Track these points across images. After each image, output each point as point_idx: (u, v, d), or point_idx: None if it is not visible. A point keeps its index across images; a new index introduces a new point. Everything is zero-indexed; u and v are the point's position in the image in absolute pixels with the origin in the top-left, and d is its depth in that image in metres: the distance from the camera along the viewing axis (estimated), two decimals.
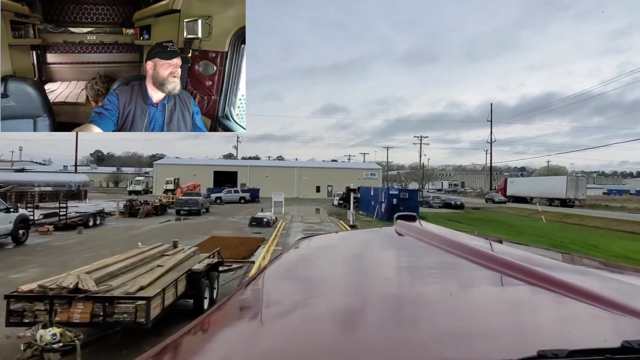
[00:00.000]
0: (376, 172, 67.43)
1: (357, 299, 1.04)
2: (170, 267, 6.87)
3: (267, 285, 1.28)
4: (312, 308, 1.00)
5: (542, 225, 27.72)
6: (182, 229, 19.78)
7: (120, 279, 5.98)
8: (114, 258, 7.01)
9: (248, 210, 32.05)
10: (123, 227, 20.05)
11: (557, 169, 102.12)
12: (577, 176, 54.32)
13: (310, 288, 1.18)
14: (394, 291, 1.10)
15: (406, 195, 26.27)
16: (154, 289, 5.59)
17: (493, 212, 41.58)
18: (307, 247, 1.78)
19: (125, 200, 26.13)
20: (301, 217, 28.01)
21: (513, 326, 0.82)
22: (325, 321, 0.89)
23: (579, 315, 0.80)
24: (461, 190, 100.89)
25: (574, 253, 1.66)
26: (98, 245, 14.22)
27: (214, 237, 16.49)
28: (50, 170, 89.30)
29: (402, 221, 1.82)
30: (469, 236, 1.71)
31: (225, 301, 1.19)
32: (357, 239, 2.05)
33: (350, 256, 1.62)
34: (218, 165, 64.18)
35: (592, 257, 1.55)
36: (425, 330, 0.82)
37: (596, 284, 0.91)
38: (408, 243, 1.59)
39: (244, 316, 1.07)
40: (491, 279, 1.07)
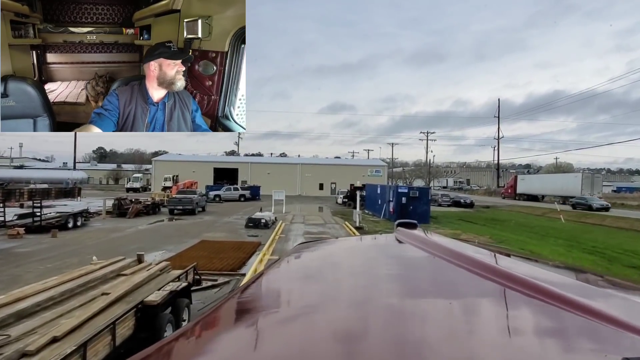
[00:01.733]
0: (381, 169, 65.35)
1: (353, 308, 0.99)
2: (121, 295, 5.02)
3: (262, 291, 1.29)
4: (307, 315, 0.96)
5: (562, 226, 25.69)
6: (171, 231, 17.94)
7: (34, 320, 4.12)
8: (43, 283, 5.13)
9: (247, 209, 30.23)
10: (107, 228, 18.23)
11: (565, 167, 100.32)
12: (592, 173, 52.04)
13: (307, 295, 1.16)
14: (392, 301, 1.06)
15: (416, 193, 24.24)
16: (74, 339, 3.73)
17: (505, 211, 39.54)
18: (304, 254, 1.73)
19: (114, 199, 24.28)
20: (303, 217, 26.10)
21: (512, 340, 0.79)
22: (320, 330, 0.87)
23: (579, 330, 0.78)
24: (467, 188, 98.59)
25: (573, 265, 1.83)
26: (68, 252, 12.38)
27: (203, 242, 14.64)
28: (49, 167, 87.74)
29: (403, 229, 1.80)
30: (469, 246, 1.70)
31: (219, 305, 1.14)
32: (356, 246, 1.97)
33: (348, 264, 1.56)
34: (218, 162, 62.13)
35: (593, 272, 1.52)
36: (423, 340, 0.80)
37: (597, 299, 0.88)
38: (408, 251, 1.54)
39: (237, 321, 1.06)
40: (491, 290, 1.03)
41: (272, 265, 1.57)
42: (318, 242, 2.02)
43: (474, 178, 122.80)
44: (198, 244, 14.03)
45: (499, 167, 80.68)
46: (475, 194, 72.43)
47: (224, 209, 31.02)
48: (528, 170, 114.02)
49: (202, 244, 14.22)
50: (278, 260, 1.64)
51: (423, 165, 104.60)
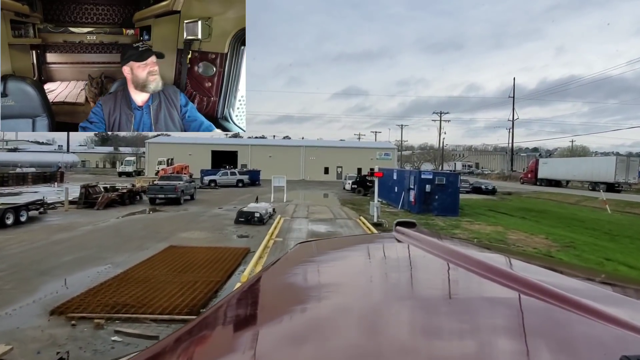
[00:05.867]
0: (390, 152, 60.90)
1: (354, 308, 0.97)
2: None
3: (262, 291, 1.28)
4: (307, 316, 0.95)
5: (615, 219, 21.60)
6: (137, 229, 14.02)
7: None
8: None
9: (243, 197, 26.34)
10: (58, 225, 14.38)
11: (582, 150, 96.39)
12: (627, 156, 47.57)
13: (307, 295, 1.13)
14: (393, 300, 1.04)
15: (443, 180, 20.12)
16: None
17: (532, 198, 35.41)
18: (304, 253, 1.69)
19: (81, 186, 20.37)
20: (307, 207, 22.12)
21: (512, 339, 0.79)
22: (320, 330, 0.85)
23: (577, 329, 0.79)
24: (478, 172, 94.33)
25: (569, 263, 1.70)
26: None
27: (171, 249, 10.71)
28: (42, 150, 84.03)
29: (402, 228, 1.75)
30: (468, 244, 1.68)
31: (219, 306, 1.15)
32: (355, 245, 1.88)
33: (348, 264, 1.53)
34: (216, 144, 57.82)
35: (591, 269, 1.49)
36: (423, 340, 0.80)
37: (595, 297, 0.87)
38: (407, 251, 1.50)
39: (237, 322, 1.05)
40: (492, 290, 1.01)
41: (271, 264, 1.52)
42: (317, 241, 1.96)
43: (483, 161, 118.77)
44: (161, 253, 10.11)
45: (512, 149, 76.35)
46: (488, 178, 67.99)
47: (217, 197, 27.12)
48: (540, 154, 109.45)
49: (168, 252, 10.31)
50: (277, 260, 1.57)
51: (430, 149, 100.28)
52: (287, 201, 24.43)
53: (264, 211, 16.01)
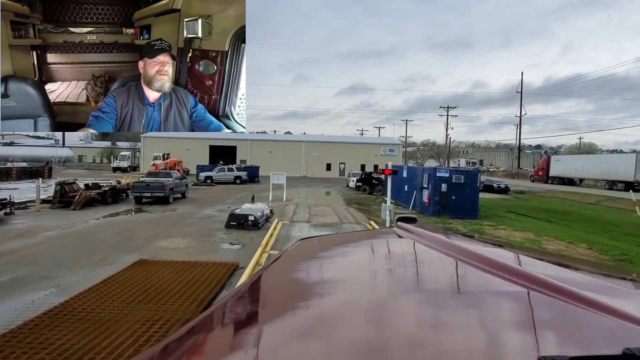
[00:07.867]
0: (395, 148, 58.69)
1: (356, 304, 0.95)
2: None
3: (264, 288, 1.25)
4: (309, 312, 0.93)
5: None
6: (109, 235, 11.91)
7: None
8: None
9: (239, 195, 24.27)
10: (17, 229, 12.31)
11: (589, 147, 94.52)
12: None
13: (309, 292, 1.10)
14: (395, 296, 1.03)
15: (461, 179, 17.99)
16: None
17: (548, 197, 33.29)
18: (305, 249, 1.65)
19: (55, 184, 18.29)
20: (309, 208, 20.04)
21: (514, 332, 0.78)
22: (323, 327, 0.84)
23: (580, 321, 0.77)
24: (483, 169, 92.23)
25: (570, 257, 2.11)
26: None
27: (141, 263, 8.63)
28: (37, 144, 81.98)
29: (403, 223, 1.71)
30: (469, 240, 1.66)
31: (220, 304, 1.14)
32: (357, 241, 1.86)
33: (349, 260, 1.50)
34: (214, 138, 55.52)
35: (592, 263, 1.58)
36: (426, 335, 0.78)
37: (597, 290, 0.86)
38: (409, 246, 1.48)
39: (238, 320, 1.02)
40: (495, 284, 0.98)
41: (272, 262, 1.48)
42: (318, 237, 1.93)
43: (487, 159, 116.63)
44: (126, 271, 8.03)
45: (519, 146, 74.04)
46: (494, 175, 65.84)
47: (211, 195, 25.05)
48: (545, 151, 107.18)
49: (135, 269, 8.22)
50: (279, 257, 1.54)
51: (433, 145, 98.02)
52: (286, 200, 22.34)
53: (259, 214, 13.93)
